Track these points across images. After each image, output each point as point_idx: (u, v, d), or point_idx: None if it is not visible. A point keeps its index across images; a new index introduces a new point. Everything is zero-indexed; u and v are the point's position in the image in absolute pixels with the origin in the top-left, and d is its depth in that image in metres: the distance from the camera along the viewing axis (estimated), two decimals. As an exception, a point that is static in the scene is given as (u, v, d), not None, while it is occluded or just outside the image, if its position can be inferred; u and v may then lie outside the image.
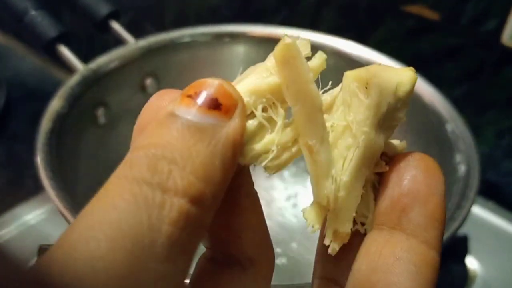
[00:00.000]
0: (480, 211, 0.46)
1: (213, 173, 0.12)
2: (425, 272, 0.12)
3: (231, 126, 0.12)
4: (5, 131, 0.62)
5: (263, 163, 0.13)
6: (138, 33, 0.40)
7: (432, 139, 0.34)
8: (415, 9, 0.44)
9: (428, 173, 0.13)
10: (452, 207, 0.27)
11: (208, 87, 0.13)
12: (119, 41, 0.39)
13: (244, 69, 0.43)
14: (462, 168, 0.29)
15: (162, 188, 0.11)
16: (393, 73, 0.13)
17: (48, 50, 0.36)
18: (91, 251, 0.10)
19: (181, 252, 0.11)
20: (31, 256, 0.39)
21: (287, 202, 0.42)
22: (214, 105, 0.12)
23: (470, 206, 0.27)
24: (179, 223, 0.11)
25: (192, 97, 0.12)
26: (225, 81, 0.13)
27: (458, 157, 0.30)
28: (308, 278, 0.36)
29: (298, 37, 0.13)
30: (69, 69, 0.35)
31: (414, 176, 0.13)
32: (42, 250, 0.36)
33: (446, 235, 0.25)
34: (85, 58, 0.37)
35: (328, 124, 0.13)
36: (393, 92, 0.13)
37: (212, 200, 0.12)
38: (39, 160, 0.27)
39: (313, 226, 0.14)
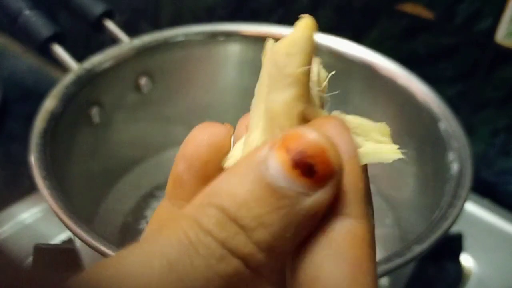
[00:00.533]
0: (475, 209, 0.46)
1: (279, 245, 0.11)
2: (351, 248, 0.11)
3: (319, 198, 0.11)
4: (1, 131, 0.62)
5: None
6: (134, 32, 0.40)
7: (425, 138, 0.34)
8: (409, 8, 0.44)
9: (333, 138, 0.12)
10: (444, 205, 0.27)
11: (309, 147, 0.11)
12: (113, 41, 0.39)
13: (239, 68, 0.43)
14: (455, 167, 0.30)
15: (225, 246, 0.11)
16: (288, 36, 0.14)
17: (43, 50, 0.35)
18: (144, 275, 0.10)
19: None
20: (26, 255, 0.39)
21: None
22: (308, 171, 0.11)
23: (463, 205, 0.27)
24: (231, 278, 0.11)
25: (288, 152, 0.11)
26: (331, 142, 0.11)
27: (451, 156, 0.30)
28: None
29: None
30: (64, 69, 0.35)
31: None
32: (38, 249, 0.36)
33: (439, 234, 0.26)
34: (80, 57, 0.37)
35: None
36: (284, 51, 0.13)
37: (271, 268, 0.11)
38: (33, 159, 0.27)
39: None
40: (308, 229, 0.11)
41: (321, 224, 0.12)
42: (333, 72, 0.14)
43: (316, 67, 0.14)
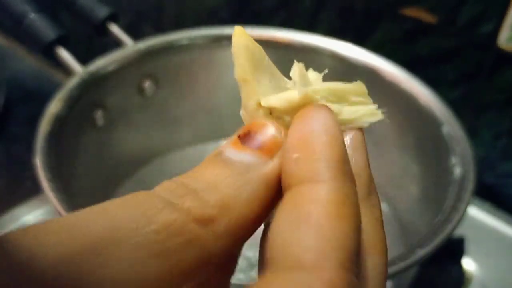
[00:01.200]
0: (477, 213, 0.46)
1: (234, 205, 0.12)
2: (313, 210, 0.11)
3: (268, 166, 0.12)
4: (4, 132, 0.62)
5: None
6: (136, 35, 0.40)
7: (429, 141, 0.34)
8: (412, 12, 0.44)
9: (304, 120, 0.13)
10: (447, 209, 0.27)
11: (256, 128, 0.13)
12: (117, 44, 0.39)
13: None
14: (457, 170, 0.30)
15: (169, 203, 0.12)
16: None
17: (47, 53, 0.36)
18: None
19: (163, 256, 0.11)
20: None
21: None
22: (256, 144, 0.13)
23: (466, 208, 0.27)
24: (169, 230, 0.11)
25: (240, 137, 0.13)
26: (271, 121, 0.13)
27: (454, 159, 0.30)
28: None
29: None
30: (67, 71, 0.36)
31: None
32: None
33: (443, 237, 0.26)
34: (83, 60, 0.37)
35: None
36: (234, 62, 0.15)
37: (225, 229, 0.12)
38: (38, 162, 0.27)
39: None
40: (264, 195, 0.12)
41: (288, 195, 0.12)
42: (326, 71, 0.15)
43: (298, 68, 0.15)
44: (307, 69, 0.15)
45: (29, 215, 0.44)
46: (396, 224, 0.39)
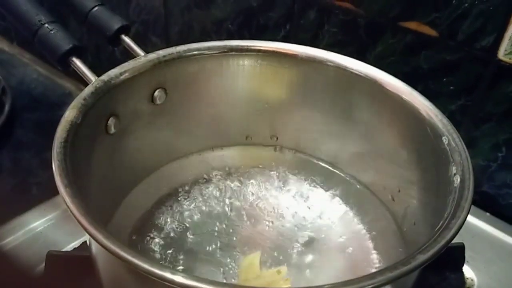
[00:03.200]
0: (476, 222, 0.47)
1: None
2: None
3: None
4: (10, 139, 0.63)
5: None
6: (143, 45, 0.41)
7: (429, 151, 0.35)
8: (413, 25, 0.45)
9: None
10: (447, 217, 0.28)
11: None
12: (127, 54, 0.40)
13: (248, 82, 0.46)
14: (457, 180, 0.31)
15: None
16: None
17: (62, 63, 0.37)
18: None
19: None
20: (38, 262, 0.40)
21: (288, 210, 0.43)
22: None
23: (466, 216, 0.28)
24: None
25: None
26: None
27: (454, 169, 0.31)
28: (311, 284, 0.37)
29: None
30: (78, 81, 0.37)
31: None
32: (50, 256, 0.37)
33: (443, 244, 0.27)
34: (92, 70, 0.38)
35: None
36: None
37: None
38: (55, 167, 0.28)
39: None
40: None
41: None
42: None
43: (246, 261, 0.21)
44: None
45: (38, 221, 0.45)
46: (397, 232, 0.40)
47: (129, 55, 0.40)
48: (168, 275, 0.23)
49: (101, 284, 0.32)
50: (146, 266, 0.23)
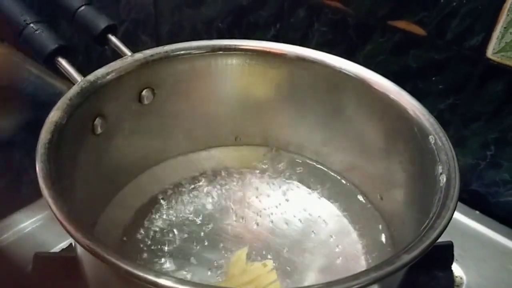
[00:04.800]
0: (466, 220, 0.47)
1: None
2: None
3: None
4: (2, 139, 0.62)
5: None
6: (133, 44, 0.41)
7: (416, 151, 0.35)
8: (402, 25, 0.45)
9: None
10: (433, 216, 0.28)
11: None
12: (118, 54, 0.40)
13: (237, 81, 0.46)
14: (443, 179, 0.31)
15: None
16: None
17: (48, 63, 0.37)
18: None
19: None
20: (26, 264, 0.39)
21: (277, 209, 0.43)
22: None
23: (451, 216, 0.28)
24: None
25: None
26: None
27: (440, 168, 0.31)
28: (299, 283, 0.37)
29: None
30: (69, 81, 0.37)
31: None
32: (38, 257, 0.37)
33: (428, 243, 0.27)
34: (80, 70, 0.38)
35: None
36: None
37: None
38: (38, 169, 0.28)
39: None
40: None
41: None
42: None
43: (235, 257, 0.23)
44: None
45: (26, 221, 0.45)
46: (384, 232, 0.40)
47: (120, 54, 0.40)
48: (151, 277, 0.23)
49: (88, 286, 0.31)
50: (129, 268, 0.23)
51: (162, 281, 0.23)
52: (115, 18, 0.41)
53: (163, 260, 0.37)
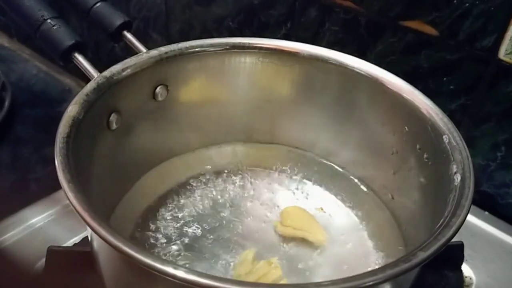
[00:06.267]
0: (475, 221, 0.48)
1: None
2: None
3: None
4: (9, 135, 0.63)
5: None
6: (143, 42, 0.41)
7: (430, 150, 0.35)
8: (414, 24, 0.45)
9: None
10: (448, 215, 0.29)
11: None
12: (127, 51, 0.40)
13: (250, 79, 0.46)
14: (458, 178, 0.31)
15: None
16: None
17: (65, 58, 0.37)
18: None
19: None
20: (38, 258, 0.40)
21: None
22: None
23: (466, 214, 0.28)
24: None
25: None
26: None
27: (454, 168, 0.32)
28: (309, 280, 0.37)
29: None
30: (77, 78, 0.37)
31: None
32: (51, 251, 0.37)
33: (443, 241, 0.27)
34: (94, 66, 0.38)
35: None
36: None
37: None
38: (58, 163, 0.28)
39: None
40: None
41: None
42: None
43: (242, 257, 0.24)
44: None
45: (37, 217, 0.45)
46: (398, 230, 0.40)
47: (129, 51, 0.40)
48: (170, 270, 0.23)
49: (102, 280, 0.32)
50: (148, 260, 0.23)
51: (180, 273, 0.23)
52: (126, 16, 0.42)
53: (174, 255, 0.38)
